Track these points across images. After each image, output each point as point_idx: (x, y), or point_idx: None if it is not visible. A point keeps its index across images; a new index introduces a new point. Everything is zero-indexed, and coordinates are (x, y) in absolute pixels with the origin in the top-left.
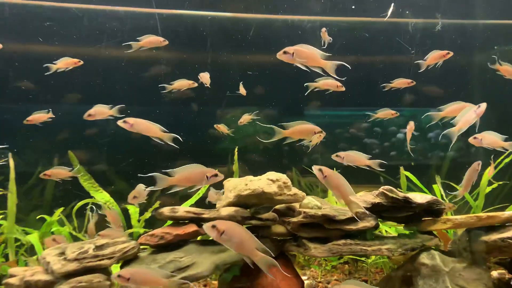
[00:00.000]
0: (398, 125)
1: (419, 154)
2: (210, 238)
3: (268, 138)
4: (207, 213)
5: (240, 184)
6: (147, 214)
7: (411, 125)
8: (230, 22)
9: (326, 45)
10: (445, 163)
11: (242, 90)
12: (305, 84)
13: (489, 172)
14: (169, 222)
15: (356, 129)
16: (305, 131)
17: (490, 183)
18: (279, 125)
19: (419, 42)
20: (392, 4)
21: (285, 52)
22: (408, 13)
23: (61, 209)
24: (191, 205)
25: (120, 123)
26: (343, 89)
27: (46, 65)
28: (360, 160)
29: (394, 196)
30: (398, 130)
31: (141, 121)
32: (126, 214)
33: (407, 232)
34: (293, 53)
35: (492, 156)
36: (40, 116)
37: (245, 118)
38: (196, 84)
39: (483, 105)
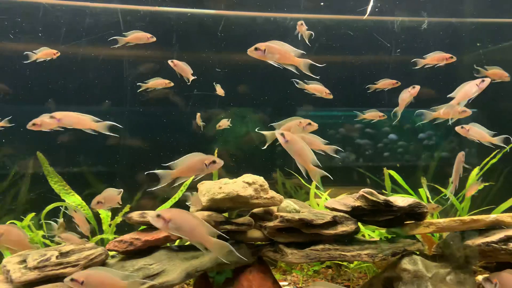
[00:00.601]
0: (389, 126)
1: (408, 155)
2: (186, 244)
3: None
4: None
5: (214, 188)
6: (118, 219)
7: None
8: (211, 20)
9: (306, 39)
10: (432, 164)
11: (220, 91)
12: (292, 80)
13: (468, 192)
14: (143, 226)
15: (347, 129)
16: (292, 126)
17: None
18: (270, 126)
19: (404, 41)
20: (372, 0)
21: (256, 49)
22: (394, 11)
23: (32, 214)
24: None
25: (45, 118)
26: (331, 97)
27: (26, 52)
28: (316, 144)
29: (375, 199)
30: (389, 131)
31: (70, 114)
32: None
33: (389, 236)
34: (264, 50)
35: (480, 180)
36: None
37: (224, 123)
38: (172, 84)
39: (487, 80)
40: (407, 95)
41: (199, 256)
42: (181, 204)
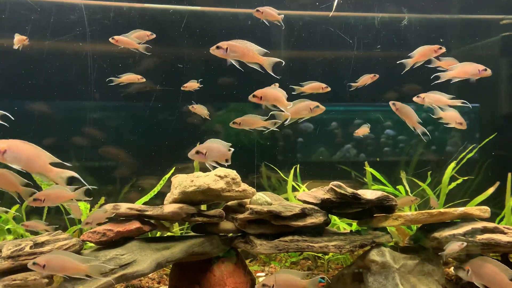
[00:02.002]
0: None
1: (391, 150)
2: (157, 235)
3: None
4: (150, 210)
5: (186, 181)
6: (94, 211)
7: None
8: (192, 16)
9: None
10: (415, 158)
11: (191, 85)
12: (290, 86)
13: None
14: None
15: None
16: (302, 108)
17: (454, 179)
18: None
19: (384, 37)
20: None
21: (218, 47)
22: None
23: (17, 206)
24: (145, 202)
25: None
26: (329, 89)
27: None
28: (257, 122)
29: (343, 192)
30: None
31: None
32: None
33: (360, 228)
34: (226, 48)
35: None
36: None
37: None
38: (144, 79)
39: (489, 71)
40: (474, 71)
41: (170, 247)
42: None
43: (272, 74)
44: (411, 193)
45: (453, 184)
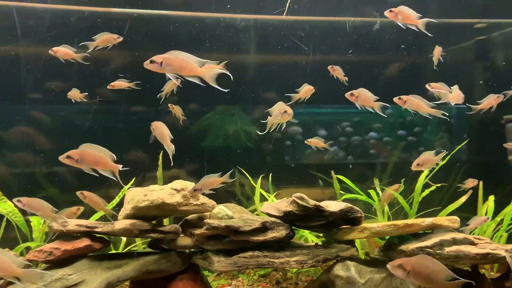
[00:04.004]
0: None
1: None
2: (109, 252)
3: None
4: (100, 227)
5: (139, 195)
6: (45, 227)
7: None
8: (157, 20)
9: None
10: (391, 162)
11: (120, 84)
12: (286, 94)
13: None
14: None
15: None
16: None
17: (427, 186)
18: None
19: (356, 41)
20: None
21: (152, 61)
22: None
23: None
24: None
25: None
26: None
27: None
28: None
29: (305, 204)
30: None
31: None
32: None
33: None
34: (161, 63)
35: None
36: None
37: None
38: (121, 38)
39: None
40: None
41: (122, 266)
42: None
43: (217, 86)
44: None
45: (427, 191)
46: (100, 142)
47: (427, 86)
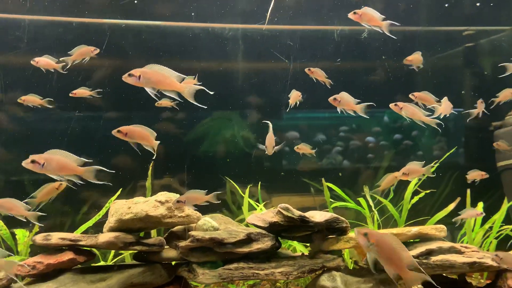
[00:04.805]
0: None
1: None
2: (93, 265)
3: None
4: (84, 240)
5: (123, 208)
6: (28, 241)
7: None
8: (145, 30)
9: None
10: (382, 168)
11: (81, 92)
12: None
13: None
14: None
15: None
16: None
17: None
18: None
19: (345, 50)
20: (269, 10)
21: (130, 75)
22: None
23: None
24: (88, 227)
25: None
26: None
27: None
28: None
29: (290, 215)
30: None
31: None
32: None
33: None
34: (139, 76)
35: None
36: None
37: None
38: (98, 50)
39: None
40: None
41: (106, 279)
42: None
43: (194, 102)
44: (375, 208)
45: (416, 198)
46: (88, 149)
47: (410, 96)
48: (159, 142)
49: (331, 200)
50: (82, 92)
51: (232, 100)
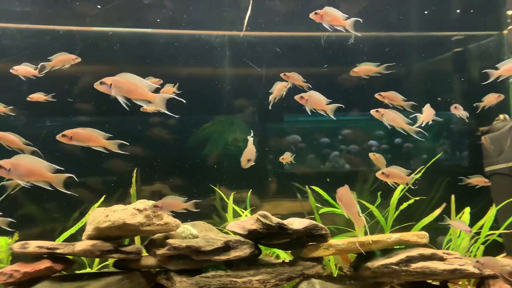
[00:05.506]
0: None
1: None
2: (76, 272)
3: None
4: (62, 248)
5: (100, 216)
6: (7, 249)
7: None
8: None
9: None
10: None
11: (37, 97)
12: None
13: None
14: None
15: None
16: None
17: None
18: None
19: (332, 56)
20: (247, 16)
21: (101, 83)
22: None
23: None
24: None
25: None
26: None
27: None
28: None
29: (268, 222)
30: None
31: None
32: None
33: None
34: (110, 84)
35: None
36: None
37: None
38: (79, 59)
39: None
40: None
41: (84, 286)
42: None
43: (166, 112)
44: (363, 213)
45: (404, 205)
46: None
47: (376, 95)
48: (117, 142)
49: (318, 205)
50: (38, 96)
51: (232, 104)
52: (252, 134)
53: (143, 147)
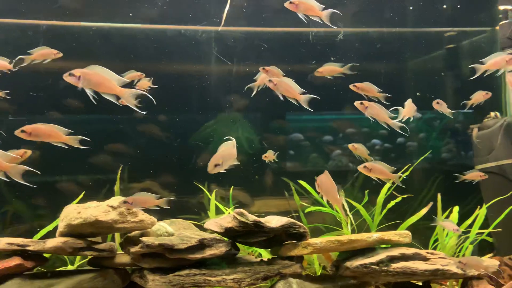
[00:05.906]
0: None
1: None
2: (44, 271)
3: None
4: (32, 245)
5: (73, 213)
6: None
7: None
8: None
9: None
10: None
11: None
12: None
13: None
14: None
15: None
16: None
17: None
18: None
19: (319, 52)
20: (226, 10)
21: (70, 74)
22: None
23: None
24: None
25: None
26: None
27: None
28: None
29: (244, 220)
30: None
31: None
32: None
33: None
34: (79, 77)
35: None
36: None
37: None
38: (61, 54)
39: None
40: None
41: (55, 284)
42: None
43: (134, 108)
44: (350, 212)
45: (392, 203)
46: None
47: (351, 86)
48: (77, 137)
49: (304, 204)
50: None
51: (234, 102)
52: (230, 137)
53: (133, 145)
